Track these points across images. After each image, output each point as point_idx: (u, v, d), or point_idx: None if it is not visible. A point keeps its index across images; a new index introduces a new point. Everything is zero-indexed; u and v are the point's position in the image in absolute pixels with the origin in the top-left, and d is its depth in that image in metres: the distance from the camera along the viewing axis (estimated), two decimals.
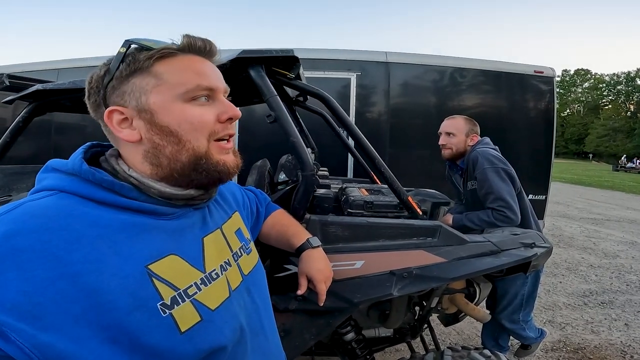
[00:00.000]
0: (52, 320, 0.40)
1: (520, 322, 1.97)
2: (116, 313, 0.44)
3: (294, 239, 0.97)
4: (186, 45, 0.58)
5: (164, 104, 0.56)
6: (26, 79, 1.36)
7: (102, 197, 0.51)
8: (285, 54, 1.12)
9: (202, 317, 0.52)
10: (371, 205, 1.42)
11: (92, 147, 0.61)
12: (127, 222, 0.51)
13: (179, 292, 0.51)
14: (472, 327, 2.81)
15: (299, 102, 2.00)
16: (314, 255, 0.95)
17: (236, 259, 0.69)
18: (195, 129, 0.57)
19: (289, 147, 1.05)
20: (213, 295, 0.57)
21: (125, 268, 0.47)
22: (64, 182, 0.51)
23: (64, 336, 0.40)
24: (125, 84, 0.56)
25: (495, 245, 1.22)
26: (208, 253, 0.61)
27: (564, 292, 3.62)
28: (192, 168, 0.58)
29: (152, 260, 0.50)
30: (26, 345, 0.38)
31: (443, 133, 1.95)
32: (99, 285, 0.44)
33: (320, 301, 0.92)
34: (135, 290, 0.47)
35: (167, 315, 0.48)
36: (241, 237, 0.76)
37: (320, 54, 3.59)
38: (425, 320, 1.58)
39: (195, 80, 0.57)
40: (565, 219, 7.45)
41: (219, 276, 0.60)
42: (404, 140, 3.72)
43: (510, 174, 1.77)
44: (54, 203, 0.49)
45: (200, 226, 0.63)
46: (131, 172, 0.57)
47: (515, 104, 3.87)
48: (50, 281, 0.41)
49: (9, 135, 1.37)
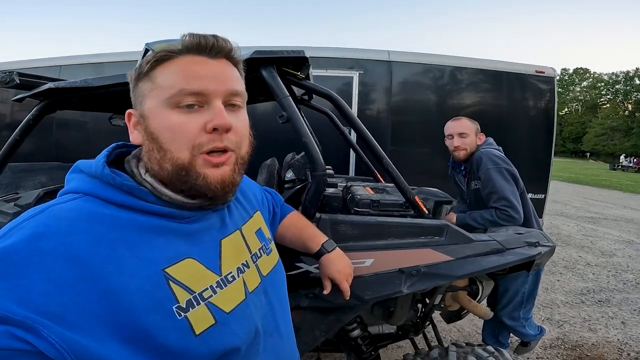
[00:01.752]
0: (75, 319, 0.41)
1: (521, 319, 2.00)
2: (133, 314, 0.45)
3: (310, 243, 0.99)
4: (185, 46, 0.55)
5: (153, 110, 0.55)
6: (36, 76, 1.36)
7: (122, 200, 0.53)
8: (296, 55, 1.13)
9: (216, 320, 0.53)
10: (377, 204, 1.44)
11: (118, 147, 0.62)
12: (146, 225, 0.52)
13: (194, 295, 0.52)
14: (471, 325, 2.84)
15: (304, 101, 2.02)
16: (332, 258, 0.97)
17: (255, 260, 0.68)
18: (174, 138, 0.54)
19: (302, 147, 1.07)
20: (228, 298, 0.57)
21: (143, 270, 0.48)
22: (88, 185, 0.53)
23: (87, 335, 0.41)
24: (136, 88, 0.58)
25: (500, 243, 1.24)
26: (225, 255, 0.61)
27: (561, 290, 3.66)
28: (176, 178, 0.55)
29: (169, 264, 0.51)
30: (57, 340, 0.39)
31: (455, 135, 1.94)
32: (117, 287, 0.45)
33: (345, 297, 0.96)
34: (152, 292, 0.47)
35: (183, 318, 0.49)
36: (262, 237, 0.75)
37: (322, 52, 3.60)
38: (428, 317, 1.61)
39: (180, 84, 0.53)
40: (562, 218, 7.50)
41: (235, 279, 0.60)
42: (405, 139, 3.74)
43: (513, 174, 1.79)
44: (78, 206, 0.50)
45: (219, 228, 0.63)
46: (146, 177, 0.57)
47: (516, 103, 3.90)
48: (73, 282, 0.42)
49: (18, 133, 1.38)
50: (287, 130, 1.16)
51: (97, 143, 3.99)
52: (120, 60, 3.76)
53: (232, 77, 0.58)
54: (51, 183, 1.91)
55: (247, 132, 0.62)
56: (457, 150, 1.95)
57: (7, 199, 1.68)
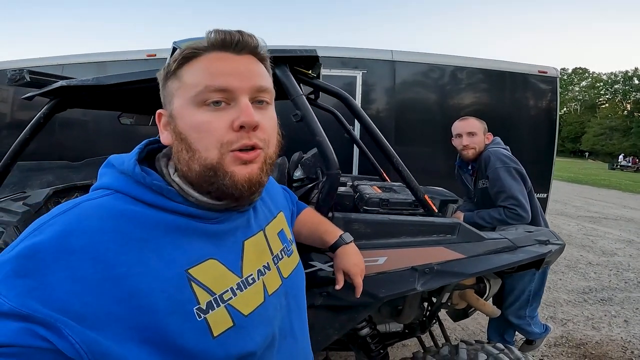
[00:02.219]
0: (97, 319, 0.41)
1: (527, 317, 2.01)
2: (155, 315, 0.45)
3: (327, 237, 0.98)
4: (210, 43, 0.54)
5: (180, 109, 0.55)
6: (47, 74, 1.36)
7: (152, 200, 0.53)
8: (308, 54, 1.14)
9: (234, 322, 0.53)
10: (387, 203, 1.44)
11: (150, 143, 0.62)
12: (173, 225, 0.52)
13: (215, 297, 0.52)
14: (476, 323, 2.85)
15: (310, 100, 2.02)
16: (348, 251, 0.97)
17: (276, 262, 0.67)
18: (202, 138, 0.53)
19: (315, 146, 1.07)
20: (247, 300, 0.56)
21: (166, 272, 0.48)
22: (119, 182, 0.53)
23: (108, 335, 0.41)
24: (165, 88, 0.58)
25: (511, 242, 1.25)
26: (247, 257, 0.60)
27: (564, 289, 3.68)
28: (204, 180, 0.54)
29: (192, 265, 0.51)
30: (77, 340, 0.39)
31: (464, 134, 1.95)
32: (141, 288, 0.45)
33: (357, 294, 0.95)
34: (174, 293, 0.47)
35: (202, 319, 0.49)
36: (283, 238, 0.74)
37: (326, 52, 3.59)
38: (435, 315, 1.61)
39: (205, 80, 0.52)
40: (563, 217, 7.53)
41: (255, 281, 0.60)
42: (409, 139, 3.75)
43: (521, 173, 1.80)
44: (108, 203, 0.50)
45: (244, 229, 0.62)
46: (174, 177, 0.57)
47: (519, 103, 3.91)
48: (98, 282, 0.43)
49: (28, 131, 1.37)
50: (294, 129, 1.15)
51: (99, 142, 4.00)
52: (123, 59, 3.76)
53: (258, 72, 0.57)
54: (58, 182, 1.91)
55: (275, 130, 0.61)
56: (466, 149, 1.95)
57: (15, 198, 1.67)
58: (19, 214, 1.53)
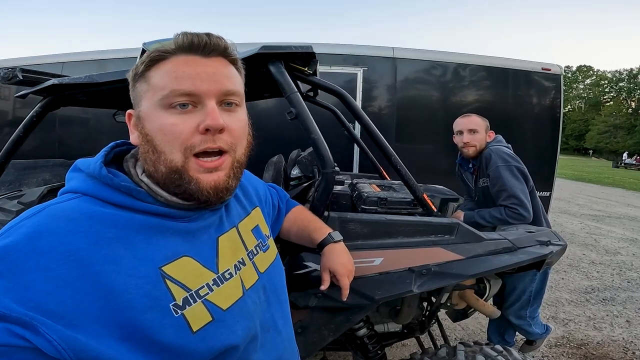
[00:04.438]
0: (73, 317, 0.41)
1: (527, 318, 1.98)
2: (131, 312, 0.45)
3: (315, 234, 0.96)
4: (178, 46, 0.55)
5: (148, 111, 0.55)
6: (40, 72, 1.34)
7: (121, 201, 0.53)
8: (304, 50, 1.11)
9: (213, 317, 0.53)
10: (385, 202, 1.42)
11: (117, 145, 0.62)
12: (144, 225, 0.53)
13: (191, 293, 0.52)
14: (476, 323, 2.83)
15: (309, 98, 1.99)
16: (336, 250, 0.94)
17: (251, 257, 0.69)
18: (167, 140, 0.53)
19: (310, 144, 1.05)
20: (225, 295, 0.57)
21: (141, 269, 0.49)
22: (86, 185, 0.54)
23: (86, 333, 0.42)
24: (134, 89, 0.58)
25: (512, 242, 1.22)
26: (222, 253, 0.61)
27: (566, 288, 3.65)
28: (170, 181, 0.55)
29: (166, 262, 0.52)
30: (54, 338, 0.40)
31: (465, 131, 1.92)
32: (116, 286, 0.45)
33: (343, 296, 0.92)
34: (149, 290, 0.48)
35: (179, 315, 0.50)
36: (258, 234, 0.75)
37: (326, 49, 3.56)
38: (434, 315, 1.59)
39: (172, 85, 0.53)
40: (566, 215, 7.47)
41: (233, 276, 0.60)
42: (410, 136, 3.72)
43: (523, 172, 1.77)
44: (77, 206, 0.50)
45: (217, 226, 0.63)
46: (142, 177, 0.57)
47: (522, 100, 3.86)
48: (72, 281, 0.43)
49: (22, 129, 1.36)
50: (293, 127, 1.14)
51: (99, 140, 4.00)
52: (123, 57, 3.74)
53: (226, 75, 0.57)
54: (55, 180, 1.90)
55: (245, 133, 0.61)
56: (467, 147, 1.92)
57: (10, 197, 1.66)
58: (13, 212, 1.52)
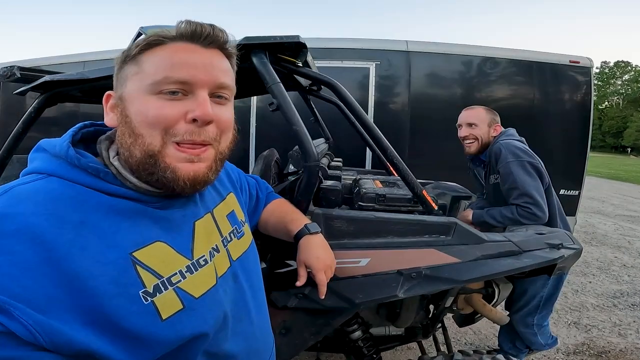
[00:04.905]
0: (40, 302, 0.40)
1: (533, 325, 1.83)
2: (97, 298, 0.44)
3: (292, 225, 0.91)
4: (179, 33, 0.54)
5: (133, 94, 0.54)
6: (37, 70, 1.37)
7: (89, 182, 0.51)
8: (290, 40, 1.06)
9: (184, 305, 0.52)
10: (383, 198, 1.35)
11: (85, 127, 0.61)
12: (114, 208, 0.51)
13: (162, 280, 0.51)
14: (489, 327, 2.69)
15: (312, 91, 1.94)
16: (312, 242, 0.88)
17: (225, 244, 0.67)
18: (148, 123, 0.52)
19: (292, 136, 1.00)
20: (198, 282, 0.56)
21: (108, 254, 0.47)
22: (53, 166, 0.52)
23: (54, 317, 0.41)
24: (120, 71, 0.57)
25: (516, 245, 1.12)
26: (198, 239, 0.60)
27: (593, 292, 3.44)
28: (143, 167, 0.53)
29: (137, 247, 0.50)
30: (29, 322, 0.39)
31: (464, 125, 1.82)
32: (81, 271, 0.44)
33: (320, 293, 0.85)
34: (117, 276, 0.47)
35: (149, 302, 0.48)
36: (233, 220, 0.73)
37: (338, 43, 3.50)
38: (439, 319, 1.51)
39: (165, 71, 0.52)
40: (599, 216, 7.08)
41: (207, 262, 0.59)
42: (425, 132, 3.59)
43: (537, 167, 1.64)
44: (42, 187, 0.49)
45: (192, 211, 0.62)
46: (113, 160, 0.56)
47: (549, 95, 3.64)
48: (36, 265, 0.41)
49: (21, 126, 1.39)
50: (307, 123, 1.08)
51: None
52: None
53: (222, 68, 0.57)
54: None
55: (231, 126, 0.61)
56: (466, 141, 1.82)
57: None
58: None
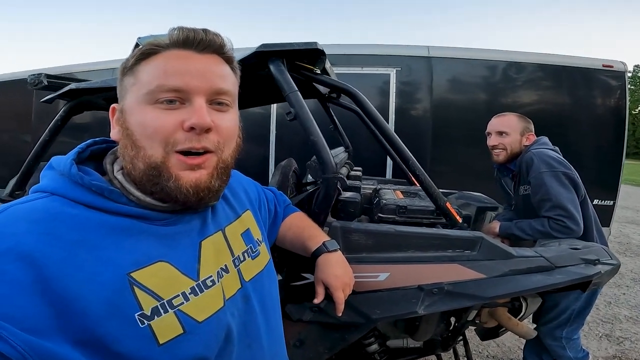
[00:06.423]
0: (30, 322, 0.39)
1: (562, 338, 1.71)
2: (87, 319, 0.42)
3: (309, 242, 0.89)
4: (172, 40, 0.53)
5: (132, 105, 0.53)
6: (63, 78, 1.40)
7: (91, 201, 0.49)
8: (308, 47, 1.04)
9: (185, 329, 0.49)
10: (404, 210, 1.30)
11: (95, 143, 0.60)
12: (116, 227, 0.49)
13: (162, 302, 0.48)
14: (514, 339, 2.55)
15: (331, 99, 1.92)
16: (330, 260, 0.87)
17: (237, 264, 0.64)
18: (148, 135, 0.51)
19: (310, 146, 0.97)
20: (203, 305, 0.53)
21: (104, 274, 0.45)
22: (55, 184, 0.51)
23: (44, 338, 0.39)
24: (120, 83, 0.56)
25: (548, 260, 1.05)
26: (205, 258, 0.57)
27: (626, 304, 3.26)
28: (147, 179, 0.52)
29: (137, 267, 0.48)
30: (18, 343, 0.37)
31: (493, 133, 1.73)
32: (72, 291, 0.42)
33: (338, 311, 0.85)
34: (111, 298, 0.44)
35: (145, 326, 0.46)
36: (248, 238, 0.70)
37: (357, 50, 3.46)
38: (460, 333, 1.44)
39: (159, 80, 0.51)
40: (634, 226, 6.71)
41: (215, 284, 0.56)
42: (448, 140, 3.49)
43: (572, 178, 1.54)
44: (42, 206, 0.48)
45: (199, 229, 0.59)
46: (117, 174, 0.55)
47: (581, 101, 3.47)
48: (26, 284, 0.40)
49: (48, 134, 1.43)
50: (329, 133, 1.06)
51: None
52: None
53: (219, 74, 0.55)
54: None
55: (234, 134, 0.58)
56: (495, 151, 1.73)
57: None
58: None
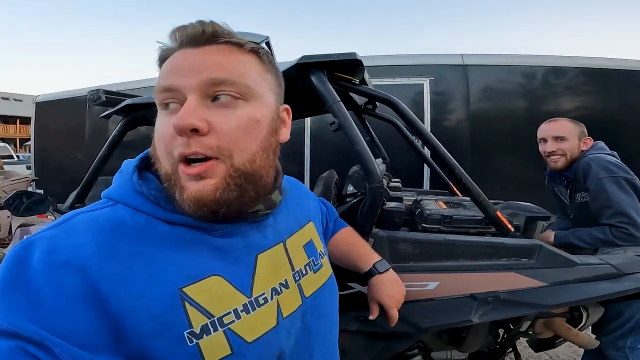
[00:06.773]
0: (81, 337, 0.38)
1: (626, 349, 1.55)
2: (138, 337, 0.41)
3: (361, 263, 0.89)
4: (174, 43, 0.49)
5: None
6: (121, 94, 1.50)
7: (149, 210, 0.48)
8: (347, 58, 1.06)
9: (233, 350, 0.45)
10: (450, 220, 1.27)
11: None
12: (172, 238, 0.48)
13: (213, 319, 0.45)
14: (569, 350, 2.34)
15: (367, 110, 1.92)
16: (383, 281, 0.87)
17: (297, 278, 0.59)
18: (157, 145, 0.48)
19: (355, 156, 0.98)
20: (254, 324, 0.49)
21: (156, 289, 0.43)
22: (119, 192, 0.50)
23: (94, 353, 0.39)
24: None
25: (615, 267, 0.99)
26: (259, 273, 0.53)
27: None
28: (167, 192, 0.48)
29: (189, 282, 0.45)
30: (67, 358, 0.37)
31: (549, 139, 1.65)
32: (124, 307, 0.41)
33: (391, 324, 0.86)
34: (161, 314, 0.43)
35: (194, 344, 0.43)
36: (311, 251, 0.65)
37: (388, 60, 3.48)
38: (511, 344, 1.35)
39: (158, 82, 0.48)
40: None
41: (268, 301, 0.52)
42: (488, 148, 3.39)
43: (634, 183, 1.44)
44: (105, 216, 0.47)
45: (257, 241, 0.55)
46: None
47: (628, 104, 3.28)
48: (81, 298, 0.40)
49: (106, 149, 1.52)
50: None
51: None
52: None
53: (216, 62, 0.47)
54: None
55: (244, 135, 0.48)
56: (552, 157, 1.64)
57: None
58: None
